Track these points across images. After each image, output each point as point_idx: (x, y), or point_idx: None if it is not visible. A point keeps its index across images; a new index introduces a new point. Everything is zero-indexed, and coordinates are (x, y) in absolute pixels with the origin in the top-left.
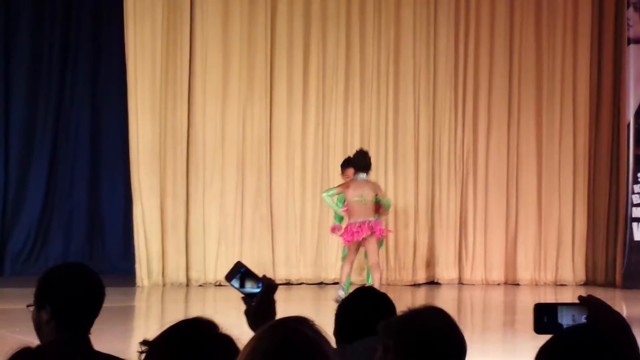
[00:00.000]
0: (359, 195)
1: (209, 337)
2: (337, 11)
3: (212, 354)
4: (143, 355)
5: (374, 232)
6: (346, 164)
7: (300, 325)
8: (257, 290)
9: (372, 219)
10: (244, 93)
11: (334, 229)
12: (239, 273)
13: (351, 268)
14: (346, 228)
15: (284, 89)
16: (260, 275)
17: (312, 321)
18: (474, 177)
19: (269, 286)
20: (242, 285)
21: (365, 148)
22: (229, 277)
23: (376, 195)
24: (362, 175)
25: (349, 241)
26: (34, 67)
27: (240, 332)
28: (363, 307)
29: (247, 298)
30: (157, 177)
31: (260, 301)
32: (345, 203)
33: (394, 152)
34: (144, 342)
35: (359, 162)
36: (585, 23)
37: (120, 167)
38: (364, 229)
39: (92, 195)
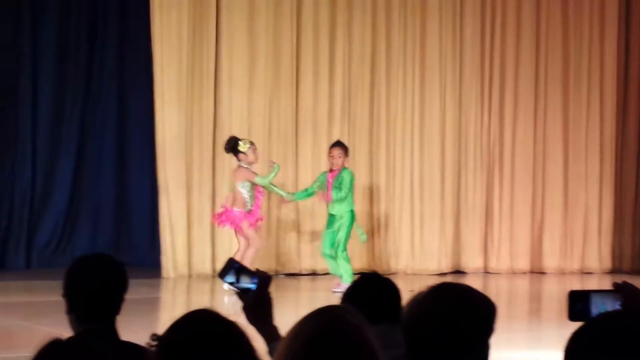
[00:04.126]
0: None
1: (215, 325)
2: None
3: (220, 341)
4: (154, 349)
5: (231, 223)
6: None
7: (344, 312)
8: (253, 285)
9: (236, 209)
10: (270, 83)
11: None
12: (233, 269)
13: (244, 255)
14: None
15: (310, 78)
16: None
17: (356, 310)
18: (500, 166)
19: (265, 279)
20: (237, 281)
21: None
22: (223, 274)
23: (246, 182)
24: (241, 162)
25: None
26: (61, 59)
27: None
28: (368, 293)
29: (243, 293)
30: (184, 168)
31: (257, 295)
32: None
33: (420, 141)
34: (154, 337)
35: None
36: (613, 9)
37: (147, 159)
38: (223, 218)
39: (119, 186)
